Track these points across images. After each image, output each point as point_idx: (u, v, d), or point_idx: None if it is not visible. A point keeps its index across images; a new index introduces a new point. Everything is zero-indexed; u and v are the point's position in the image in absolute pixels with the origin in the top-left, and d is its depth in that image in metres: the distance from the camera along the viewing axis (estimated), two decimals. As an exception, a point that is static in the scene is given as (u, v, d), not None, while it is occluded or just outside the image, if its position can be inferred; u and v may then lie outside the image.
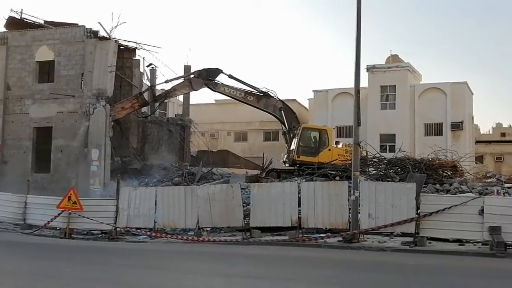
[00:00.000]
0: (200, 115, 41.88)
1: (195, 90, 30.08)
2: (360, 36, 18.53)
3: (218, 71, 29.08)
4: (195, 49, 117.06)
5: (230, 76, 28.91)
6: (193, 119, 36.91)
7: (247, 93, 29.14)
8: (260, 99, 29.19)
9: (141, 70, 32.90)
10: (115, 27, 29.20)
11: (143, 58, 32.80)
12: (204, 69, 29.22)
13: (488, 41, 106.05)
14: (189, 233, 20.25)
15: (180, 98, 38.95)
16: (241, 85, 29.16)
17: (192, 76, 29.58)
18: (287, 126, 28.70)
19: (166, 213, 20.73)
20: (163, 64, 62.74)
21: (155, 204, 20.89)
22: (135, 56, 32.35)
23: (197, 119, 37.75)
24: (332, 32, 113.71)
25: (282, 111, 28.83)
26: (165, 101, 32.17)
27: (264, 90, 29.12)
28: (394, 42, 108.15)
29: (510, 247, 15.87)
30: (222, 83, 29.11)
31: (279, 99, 29.16)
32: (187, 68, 33.47)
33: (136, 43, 31.53)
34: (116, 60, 29.47)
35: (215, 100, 56.30)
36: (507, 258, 14.85)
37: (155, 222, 20.77)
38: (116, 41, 29.47)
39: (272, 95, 29.07)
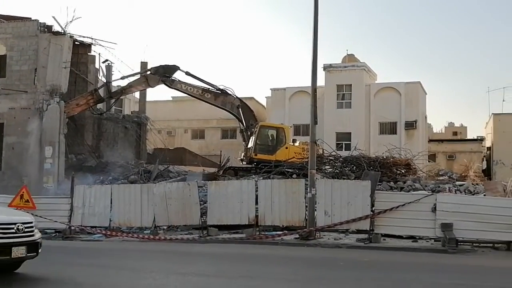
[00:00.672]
0: (157, 112, 41.50)
1: (152, 87, 29.79)
2: (317, 36, 18.72)
3: (175, 68, 28.86)
4: (152, 46, 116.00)
5: (187, 73, 28.72)
6: (150, 116, 36.53)
7: (205, 90, 28.98)
8: (218, 96, 29.09)
9: (97, 66, 32.43)
10: (70, 22, 28.70)
11: (99, 54, 32.36)
12: (160, 65, 28.94)
13: (441, 43, 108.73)
14: (145, 232, 20.07)
15: (137, 95, 38.50)
16: (199, 83, 29.02)
17: (148, 72, 29.28)
18: (244, 124, 28.69)
19: (122, 212, 20.48)
20: (119, 61, 61.96)
21: (111, 202, 20.62)
22: (90, 52, 31.82)
23: (153, 116, 37.40)
24: (290, 31, 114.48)
25: (240, 109, 28.80)
26: (121, 97, 31.72)
27: (221, 87, 29.02)
28: (350, 41, 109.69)
29: (462, 244, 16.32)
30: (179, 80, 28.88)
31: (236, 97, 29.12)
32: (143, 64, 33.09)
33: (92, 38, 31.02)
34: (71, 55, 28.94)
35: (172, 97, 55.91)
36: (458, 254, 15.26)
37: (110, 220, 20.50)
38: (71, 36, 28.92)
39: (230, 92, 29.01)
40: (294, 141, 29.57)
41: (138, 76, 29.58)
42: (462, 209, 16.53)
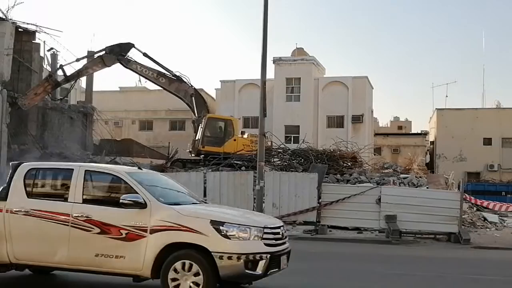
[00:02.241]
0: (103, 102, 40.66)
1: (108, 67, 28.94)
2: (267, 29, 18.74)
3: (130, 45, 28.32)
4: (99, 35, 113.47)
5: (145, 55, 28.19)
6: (97, 106, 35.80)
7: (160, 74, 28.48)
8: (172, 82, 28.66)
9: (42, 54, 31.52)
10: (12, 7, 27.77)
11: (44, 42, 31.39)
12: (116, 44, 28.33)
13: (387, 39, 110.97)
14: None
15: (83, 84, 37.66)
16: (156, 66, 28.52)
17: (103, 53, 28.61)
18: (196, 114, 28.45)
19: (67, 204, 20.05)
20: (65, 49, 60.59)
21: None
22: (35, 40, 30.84)
23: (100, 107, 36.66)
24: (240, 23, 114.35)
25: (193, 98, 28.46)
26: (79, 78, 30.70)
27: (177, 74, 28.66)
28: (300, 35, 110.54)
29: (405, 235, 16.78)
30: (135, 61, 28.35)
31: (191, 85, 28.74)
32: (90, 53, 32.36)
33: (36, 25, 30.07)
34: (14, 43, 27.99)
35: (119, 87, 55.00)
36: (401, 245, 15.71)
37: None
38: (13, 23, 27.96)
39: (185, 80, 28.60)
40: (243, 133, 29.58)
41: (93, 57, 28.87)
42: (405, 201, 17.00)
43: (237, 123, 29.93)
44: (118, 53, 28.07)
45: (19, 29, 29.12)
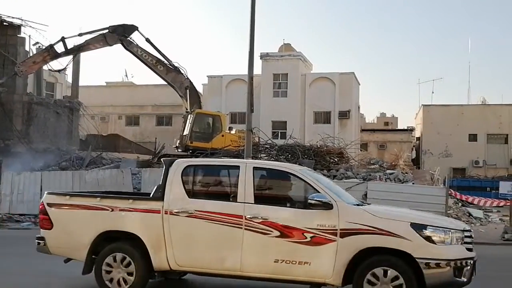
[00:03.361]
0: (90, 97, 40.42)
1: (110, 45, 28.66)
2: (254, 24, 18.70)
3: (134, 28, 28.23)
4: (85, 29, 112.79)
5: (147, 40, 28.09)
6: (83, 101, 35.58)
7: (159, 61, 28.32)
8: (170, 71, 28.52)
9: (27, 48, 31.25)
10: (-3, 1, 27.43)
11: (29, 36, 31.15)
12: (119, 24, 28.19)
13: (374, 35, 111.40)
14: (77, 220, 19.63)
15: (69, 79, 37.39)
16: (156, 54, 28.39)
17: (107, 31, 28.42)
18: (188, 108, 28.37)
19: (52, 199, 19.96)
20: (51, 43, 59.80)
21: (41, 190, 20.05)
22: (20, 34, 30.63)
23: (86, 102, 36.45)
24: (227, 19, 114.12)
25: (188, 91, 28.41)
26: (79, 52, 30.34)
27: (176, 64, 28.59)
28: (287, 31, 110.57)
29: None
30: (136, 44, 28.22)
31: (187, 78, 28.69)
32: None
33: (21, 19, 29.84)
34: (-1, 36, 27.78)
35: (106, 82, 54.78)
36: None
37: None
38: (-3, 16, 27.73)
39: (182, 72, 28.56)
40: (230, 129, 29.57)
41: (96, 34, 28.72)
42: (391, 197, 17.11)
43: (225, 118, 29.93)
44: (121, 34, 27.96)
45: (4, 23, 28.92)
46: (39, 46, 30.16)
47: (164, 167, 7.83)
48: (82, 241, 7.70)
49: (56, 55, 28.23)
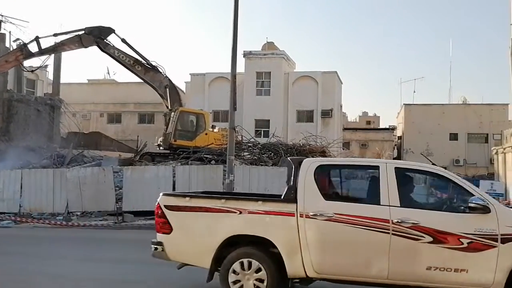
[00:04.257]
0: (71, 95, 40.06)
1: (85, 47, 28.41)
2: (237, 22, 18.70)
3: (110, 30, 27.96)
4: (67, 26, 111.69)
5: (123, 41, 27.82)
6: (64, 98, 35.26)
7: (137, 62, 28.10)
8: (148, 71, 28.32)
9: (7, 45, 30.87)
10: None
11: (9, 32, 30.79)
12: (96, 26, 27.91)
13: (357, 34, 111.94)
14: (57, 218, 19.50)
15: (50, 76, 37.02)
16: (133, 54, 28.20)
17: (83, 32, 28.12)
18: (169, 106, 28.23)
19: (33, 197, 19.80)
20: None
21: (21, 188, 19.87)
22: (0, 30, 30.21)
23: (68, 99, 36.12)
24: (210, 17, 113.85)
25: (167, 89, 28.25)
26: (54, 53, 30.08)
27: (154, 63, 28.40)
28: (270, 29, 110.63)
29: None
30: (113, 45, 27.97)
31: (166, 76, 28.51)
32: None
33: (1, 16, 29.46)
34: (-23, 33, 27.42)
35: (87, 79, 54.34)
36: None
37: (20, 206, 19.80)
38: (-23, 13, 27.37)
39: (161, 70, 28.36)
40: (213, 127, 29.49)
41: (71, 35, 28.43)
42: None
43: (209, 117, 29.83)
44: (97, 36, 27.69)
45: (-16, 19, 28.51)
46: (20, 43, 29.82)
47: (293, 167, 7.24)
48: (206, 246, 7.14)
49: (30, 55, 27.91)
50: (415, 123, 45.96)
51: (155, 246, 7.59)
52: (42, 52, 28.00)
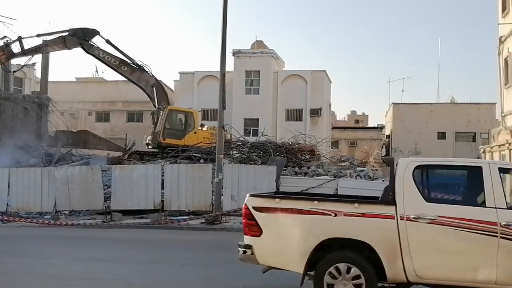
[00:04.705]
0: (59, 93, 39.82)
1: (69, 49, 28.28)
2: (227, 21, 18.71)
3: (95, 32, 27.87)
4: (56, 23, 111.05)
5: (108, 42, 27.73)
6: (52, 97, 35.01)
7: (122, 62, 28.03)
8: (134, 71, 28.29)
9: (-6, 42, 30.54)
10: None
11: (-4, 30, 30.47)
12: (80, 28, 27.82)
13: (346, 34, 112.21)
14: (45, 217, 19.39)
15: (38, 74, 36.76)
16: (118, 54, 28.08)
17: (67, 34, 27.96)
18: (156, 105, 28.16)
19: (21, 196, 19.67)
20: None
21: (8, 186, 19.74)
22: (-13, 28, 29.96)
23: (56, 97, 35.88)
24: (200, 15, 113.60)
25: (154, 88, 28.19)
26: (36, 54, 29.85)
27: (139, 63, 28.33)
28: (259, 28, 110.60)
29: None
30: (98, 47, 27.86)
31: (152, 75, 28.45)
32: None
33: (-12, 13, 29.11)
34: (-37, 30, 27.17)
35: (76, 78, 54.05)
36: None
37: (8, 205, 19.67)
38: (-36, 9, 27.11)
39: (147, 70, 28.32)
40: (202, 125, 29.45)
41: (55, 36, 28.26)
42: (362, 194, 17.20)
43: (198, 115, 29.78)
44: (81, 37, 27.57)
45: (-30, 16, 28.22)
46: (7, 40, 29.57)
47: (391, 167, 7.09)
48: (300, 249, 6.87)
49: (12, 55, 27.77)
50: (404, 122, 46.18)
51: (244, 250, 7.25)
52: (24, 52, 27.87)
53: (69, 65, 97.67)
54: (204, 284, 8.81)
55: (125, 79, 29.32)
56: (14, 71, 29.86)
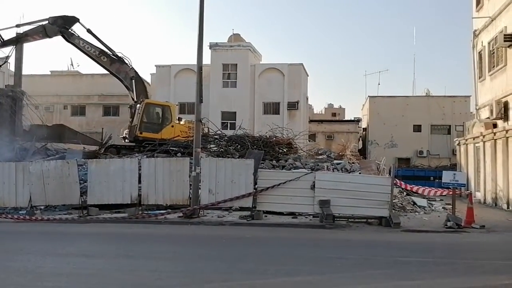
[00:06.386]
0: (34, 86, 39.21)
1: (49, 37, 28.02)
2: (203, 14, 18.65)
3: (75, 20, 27.71)
4: (28, 16, 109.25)
5: (89, 31, 27.51)
6: (26, 90, 34.42)
7: (102, 52, 27.81)
8: (114, 62, 28.09)
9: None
10: None
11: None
12: (60, 16, 27.66)
13: (323, 27, 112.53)
14: (20, 212, 19.15)
15: (12, 67, 36.16)
16: (99, 44, 27.84)
17: (46, 22, 27.62)
18: (135, 98, 27.97)
19: (-6, 191, 19.35)
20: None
21: (-18, 182, 19.39)
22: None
23: (30, 91, 35.28)
24: (176, 8, 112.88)
25: (133, 81, 28.02)
26: (17, 44, 29.38)
27: (120, 55, 28.14)
28: (236, 21, 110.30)
29: (338, 219, 17.17)
30: (78, 35, 27.64)
31: (132, 68, 28.28)
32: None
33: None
34: None
35: (50, 71, 53.34)
36: (334, 229, 16.06)
37: (-19, 201, 19.29)
38: None
39: (127, 62, 28.17)
40: (179, 119, 29.34)
41: (35, 25, 27.88)
42: (339, 187, 17.37)
43: (175, 109, 29.66)
44: (61, 25, 27.33)
45: None
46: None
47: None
48: None
49: None
50: (380, 115, 46.56)
51: None
52: (4, 43, 27.55)
53: (44, 58, 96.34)
54: (181, 277, 8.79)
55: (103, 71, 29.09)
56: (0, 65, 29.42)
